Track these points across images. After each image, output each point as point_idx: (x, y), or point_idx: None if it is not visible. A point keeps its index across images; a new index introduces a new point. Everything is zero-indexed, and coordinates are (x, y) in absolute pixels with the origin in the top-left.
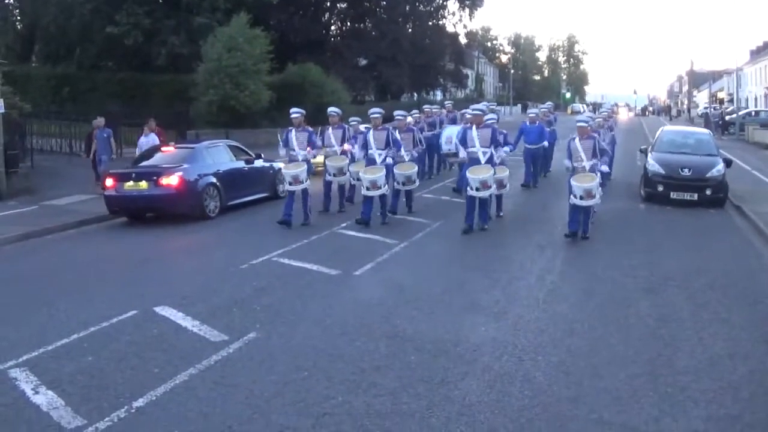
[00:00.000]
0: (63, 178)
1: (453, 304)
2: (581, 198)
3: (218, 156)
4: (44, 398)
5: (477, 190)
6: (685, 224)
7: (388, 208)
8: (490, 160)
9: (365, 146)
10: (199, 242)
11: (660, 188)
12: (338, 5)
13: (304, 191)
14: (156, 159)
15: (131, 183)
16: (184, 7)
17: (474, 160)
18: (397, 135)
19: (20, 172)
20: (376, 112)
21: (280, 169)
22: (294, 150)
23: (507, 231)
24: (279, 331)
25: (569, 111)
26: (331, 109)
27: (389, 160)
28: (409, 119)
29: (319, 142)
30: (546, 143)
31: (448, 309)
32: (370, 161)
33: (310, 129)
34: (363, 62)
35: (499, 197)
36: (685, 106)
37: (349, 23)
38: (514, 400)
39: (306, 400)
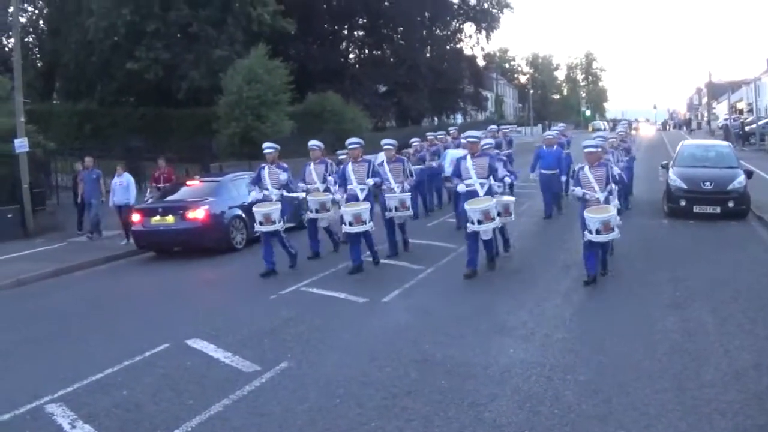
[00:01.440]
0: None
1: (481, 327)
2: (598, 232)
3: (243, 188)
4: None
5: (479, 223)
6: (708, 238)
7: (388, 252)
8: (489, 193)
9: (344, 181)
10: (227, 274)
11: (682, 203)
12: (356, 33)
13: (277, 233)
14: (182, 193)
15: (158, 218)
16: (202, 41)
17: (471, 194)
18: (385, 167)
19: (47, 209)
20: (354, 143)
21: (304, 198)
22: (267, 188)
23: (529, 254)
24: (310, 360)
25: (590, 129)
26: (312, 143)
27: (370, 182)
28: (410, 149)
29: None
30: (561, 173)
31: (476, 332)
32: (351, 197)
33: (285, 165)
34: (382, 89)
35: (503, 230)
36: (704, 119)
37: (367, 51)
38: (543, 419)
39: (339, 426)
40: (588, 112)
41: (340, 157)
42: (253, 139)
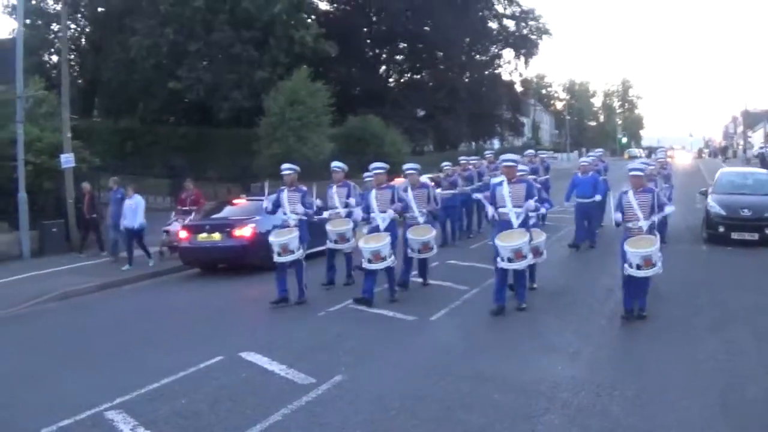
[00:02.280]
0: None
1: (528, 346)
2: (638, 267)
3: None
4: None
5: (510, 261)
6: (747, 264)
7: (398, 281)
8: (524, 223)
9: (367, 209)
10: (273, 291)
11: (721, 229)
12: (396, 57)
13: (297, 262)
14: (227, 212)
15: (205, 235)
16: (244, 62)
17: (504, 223)
18: (409, 193)
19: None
20: (379, 168)
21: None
22: (285, 213)
23: (570, 278)
24: (364, 374)
25: (626, 156)
26: (335, 164)
27: (391, 213)
28: (440, 174)
29: (317, 202)
30: (598, 197)
31: (523, 350)
32: (373, 228)
33: (304, 188)
34: (421, 113)
35: (532, 267)
36: (740, 147)
37: (407, 75)
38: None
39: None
40: (624, 140)
41: (365, 181)
42: (294, 160)
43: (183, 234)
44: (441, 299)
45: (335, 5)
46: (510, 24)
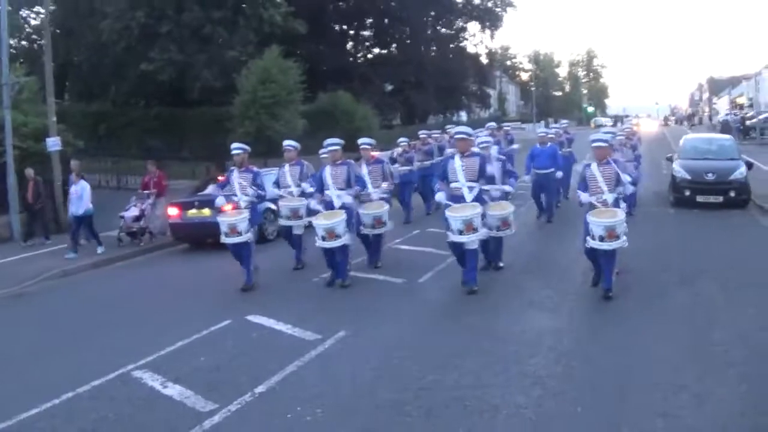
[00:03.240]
0: (116, 211)
1: (513, 302)
2: (601, 239)
3: (271, 183)
4: (174, 390)
5: (460, 233)
6: (712, 225)
7: (368, 261)
8: (478, 198)
9: (321, 187)
10: (265, 262)
11: (687, 193)
12: (363, 33)
13: (247, 245)
14: (214, 188)
15: (194, 210)
16: (215, 42)
17: (457, 198)
18: (363, 169)
19: None
20: (333, 144)
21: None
22: (236, 195)
23: (541, 241)
24: (365, 329)
25: (592, 125)
26: (287, 143)
27: (348, 199)
28: (398, 149)
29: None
30: (559, 173)
31: (509, 306)
32: (328, 205)
33: (255, 169)
34: (389, 88)
35: (498, 242)
36: (706, 114)
37: (374, 50)
38: (577, 372)
39: (403, 380)
40: (590, 109)
41: (322, 158)
42: (267, 138)
43: (173, 210)
44: (426, 264)
45: None
46: None
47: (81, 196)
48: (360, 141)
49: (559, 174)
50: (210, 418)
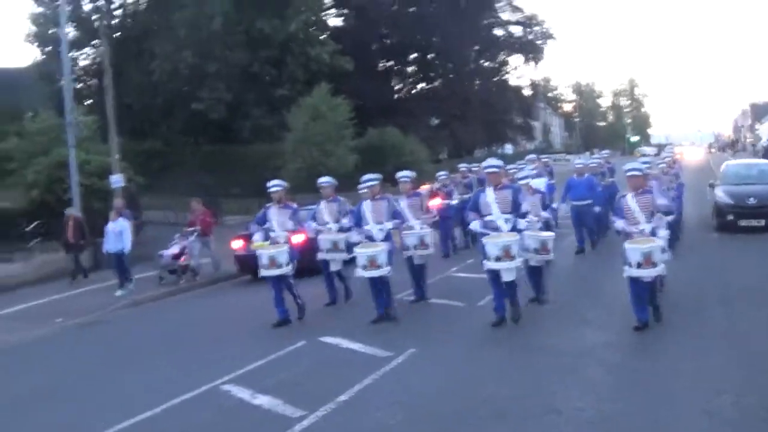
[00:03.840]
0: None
1: (568, 319)
2: (639, 266)
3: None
4: (263, 400)
5: (498, 260)
6: (754, 248)
7: (415, 294)
8: (514, 230)
9: (359, 221)
10: (323, 293)
11: (729, 217)
12: (407, 68)
13: (285, 278)
14: (253, 224)
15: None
16: (264, 81)
17: (493, 231)
18: (403, 204)
19: (142, 239)
20: (372, 179)
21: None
22: (274, 230)
23: (587, 270)
24: (433, 347)
25: (637, 154)
26: (323, 180)
27: (389, 226)
28: (435, 184)
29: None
30: (597, 208)
31: (562, 324)
32: (369, 239)
33: (294, 205)
34: (435, 122)
35: (539, 272)
36: (748, 140)
37: (420, 85)
38: (626, 380)
39: (471, 389)
40: (633, 139)
41: (360, 193)
42: (319, 174)
43: (238, 243)
44: (481, 289)
45: (346, 21)
46: (516, 30)
47: (120, 234)
48: (398, 174)
49: (597, 209)
50: (300, 422)
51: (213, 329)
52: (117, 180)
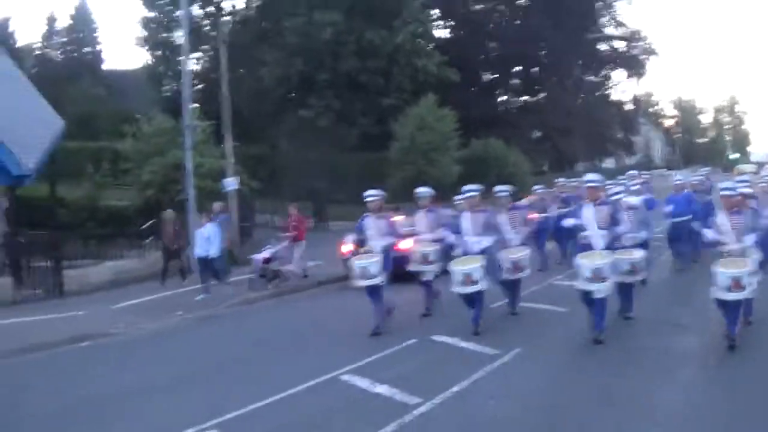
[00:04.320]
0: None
1: (662, 326)
2: (729, 290)
3: None
4: (382, 389)
5: (589, 281)
6: None
7: (509, 305)
8: (609, 246)
9: (459, 233)
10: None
11: None
12: (511, 81)
13: (378, 288)
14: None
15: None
16: (371, 90)
17: (587, 247)
18: (503, 216)
19: (252, 241)
20: (472, 190)
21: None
22: (371, 239)
23: (684, 280)
24: (538, 347)
25: (736, 172)
26: (421, 190)
27: (486, 243)
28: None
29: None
30: (696, 223)
31: (654, 327)
32: (466, 251)
33: (390, 215)
34: (537, 134)
35: (627, 289)
36: None
37: (523, 98)
38: (717, 378)
39: (576, 385)
40: (734, 156)
41: (456, 204)
42: (424, 183)
43: (348, 248)
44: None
45: (452, 33)
46: (619, 45)
47: (208, 238)
48: (496, 189)
49: (696, 224)
50: (417, 408)
51: (326, 327)
52: (231, 183)
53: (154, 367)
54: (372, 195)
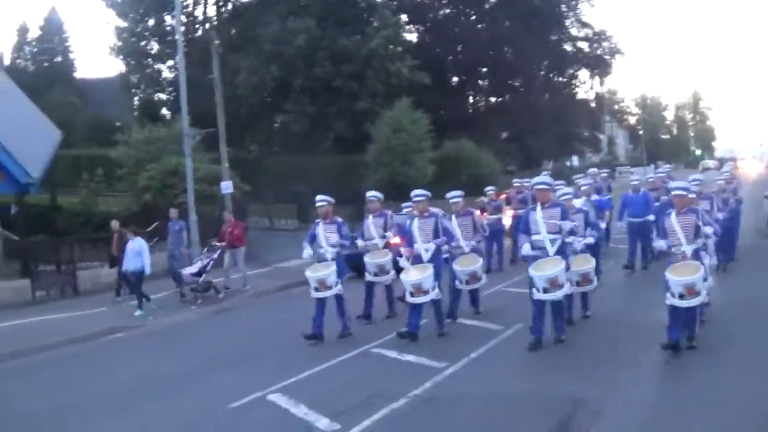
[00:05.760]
0: (276, 248)
1: (641, 312)
2: (681, 297)
3: None
4: (410, 357)
5: (545, 291)
6: None
7: (447, 314)
8: (561, 251)
9: (409, 240)
10: None
11: None
12: (479, 83)
13: (338, 297)
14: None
15: None
16: (345, 95)
17: (539, 252)
18: (453, 221)
19: (248, 241)
20: (420, 195)
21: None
22: (322, 246)
23: (629, 291)
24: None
25: (700, 168)
26: (371, 194)
27: (433, 247)
28: (484, 198)
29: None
30: (651, 216)
31: (642, 303)
32: (416, 259)
33: (340, 220)
34: (504, 134)
35: (585, 296)
36: None
37: (491, 99)
38: (689, 358)
39: (583, 360)
40: (698, 152)
41: (405, 211)
42: (399, 184)
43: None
44: None
45: (420, 37)
46: (584, 46)
47: (138, 252)
48: (448, 195)
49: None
50: (445, 370)
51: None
52: (227, 187)
53: (188, 351)
54: (321, 200)
